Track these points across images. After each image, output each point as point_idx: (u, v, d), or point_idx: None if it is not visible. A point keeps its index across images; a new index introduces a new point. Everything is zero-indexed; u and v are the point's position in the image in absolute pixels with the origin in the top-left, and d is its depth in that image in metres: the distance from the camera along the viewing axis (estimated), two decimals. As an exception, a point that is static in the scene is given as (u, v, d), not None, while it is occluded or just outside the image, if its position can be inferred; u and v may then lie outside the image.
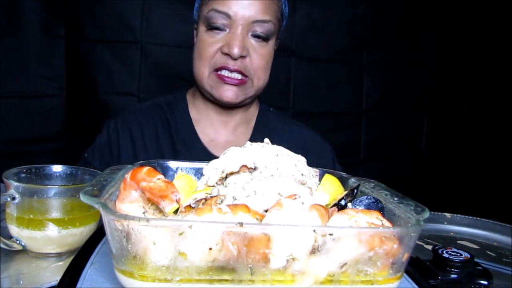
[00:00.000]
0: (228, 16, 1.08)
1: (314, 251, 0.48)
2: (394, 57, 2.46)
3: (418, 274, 0.62)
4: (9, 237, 0.76)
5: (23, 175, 0.80)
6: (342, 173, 0.75)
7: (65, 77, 2.06)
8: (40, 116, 2.03)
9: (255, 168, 0.62)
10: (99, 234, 0.67)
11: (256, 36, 1.11)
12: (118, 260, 0.48)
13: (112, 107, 2.06)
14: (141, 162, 0.69)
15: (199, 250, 0.45)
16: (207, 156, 1.16)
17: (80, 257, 0.60)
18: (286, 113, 1.41)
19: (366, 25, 2.40)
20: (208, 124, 1.24)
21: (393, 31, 2.44)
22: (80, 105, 2.10)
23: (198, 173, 0.72)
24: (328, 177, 0.72)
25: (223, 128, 1.24)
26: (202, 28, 1.12)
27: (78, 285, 0.53)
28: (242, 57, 1.09)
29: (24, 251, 0.77)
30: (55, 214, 0.74)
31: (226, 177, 0.63)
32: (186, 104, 1.26)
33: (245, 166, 0.62)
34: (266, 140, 0.70)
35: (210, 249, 0.45)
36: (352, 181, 0.72)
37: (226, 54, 1.08)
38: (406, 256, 0.51)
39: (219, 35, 1.10)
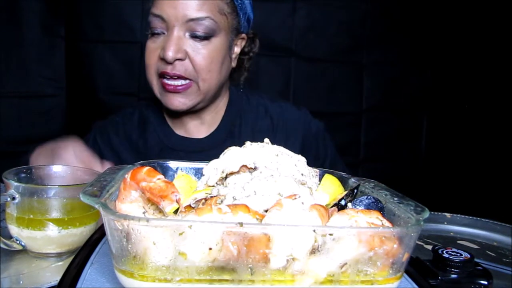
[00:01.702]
0: (162, 19, 1.05)
1: (314, 251, 0.48)
2: (394, 57, 2.46)
3: (418, 274, 0.62)
4: (9, 237, 0.76)
5: (23, 175, 0.80)
6: (342, 173, 0.75)
7: (65, 77, 2.06)
8: (40, 116, 2.03)
9: (255, 168, 0.63)
10: (99, 234, 0.67)
11: (194, 36, 1.06)
12: (118, 260, 0.48)
13: (112, 107, 2.06)
14: (141, 162, 0.69)
15: (199, 250, 0.45)
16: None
17: (80, 257, 0.60)
18: (260, 91, 1.39)
19: (366, 25, 2.40)
20: (182, 130, 1.24)
21: (393, 31, 2.44)
22: (80, 105, 2.09)
23: (198, 173, 0.72)
24: (328, 177, 0.72)
25: (197, 132, 1.23)
26: (149, 35, 1.11)
27: (78, 285, 0.53)
28: (180, 59, 1.05)
29: (24, 251, 0.77)
30: (55, 214, 0.74)
31: (226, 177, 0.63)
32: (161, 110, 1.25)
33: (245, 166, 0.63)
34: (266, 140, 0.70)
35: (210, 249, 0.45)
36: (352, 181, 0.72)
37: (164, 59, 1.06)
38: (406, 256, 0.51)
39: (158, 39, 1.07)
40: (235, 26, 1.14)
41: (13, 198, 0.73)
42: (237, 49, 1.19)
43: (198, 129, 1.23)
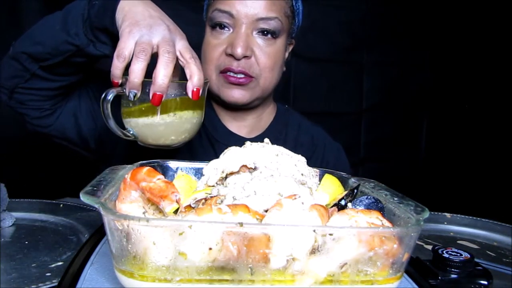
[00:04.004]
0: (231, 15, 1.05)
1: (314, 251, 0.48)
2: (394, 57, 2.46)
3: (418, 274, 0.62)
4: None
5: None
6: (342, 173, 0.75)
7: (65, 77, 2.06)
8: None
9: (255, 168, 0.63)
10: (99, 234, 0.67)
11: (262, 32, 1.07)
12: (118, 260, 0.48)
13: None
14: (141, 162, 0.69)
15: (199, 250, 0.45)
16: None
17: (80, 257, 0.60)
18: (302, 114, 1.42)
19: (366, 25, 2.40)
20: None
21: (393, 31, 2.44)
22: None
23: (198, 173, 0.72)
24: (328, 177, 0.72)
25: (238, 134, 1.22)
26: (207, 30, 1.11)
27: (78, 285, 0.53)
28: (246, 57, 1.06)
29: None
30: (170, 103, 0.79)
31: (226, 177, 0.63)
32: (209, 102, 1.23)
33: (245, 166, 0.63)
34: (266, 140, 0.70)
35: (210, 249, 0.45)
36: (352, 181, 0.72)
37: (230, 55, 1.06)
38: (406, 256, 0.51)
39: (223, 36, 1.08)
40: (291, 31, 1.16)
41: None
42: (287, 54, 1.20)
43: (239, 131, 1.23)
